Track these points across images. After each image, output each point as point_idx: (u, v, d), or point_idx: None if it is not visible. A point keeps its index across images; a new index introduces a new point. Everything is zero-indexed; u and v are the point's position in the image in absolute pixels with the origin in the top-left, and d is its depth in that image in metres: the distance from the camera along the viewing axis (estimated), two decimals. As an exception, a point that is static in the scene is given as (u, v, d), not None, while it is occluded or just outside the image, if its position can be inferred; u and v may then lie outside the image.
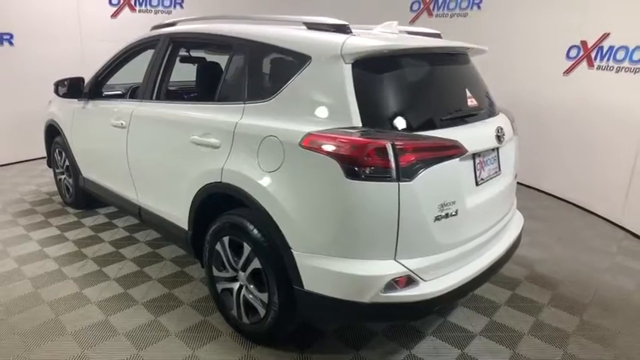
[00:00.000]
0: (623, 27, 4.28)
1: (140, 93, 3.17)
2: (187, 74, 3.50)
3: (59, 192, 4.62)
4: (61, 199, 4.59)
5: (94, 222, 4.11)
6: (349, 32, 2.19)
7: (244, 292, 2.42)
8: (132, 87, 3.91)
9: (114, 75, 3.71)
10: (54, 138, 4.39)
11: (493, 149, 2.42)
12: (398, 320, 2.58)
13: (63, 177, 4.43)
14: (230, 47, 2.61)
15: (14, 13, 5.70)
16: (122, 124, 3.18)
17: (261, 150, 2.17)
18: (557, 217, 4.57)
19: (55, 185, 4.70)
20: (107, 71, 3.65)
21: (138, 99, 3.17)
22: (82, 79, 3.76)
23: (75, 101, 3.81)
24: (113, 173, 3.51)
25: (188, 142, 2.57)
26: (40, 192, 4.93)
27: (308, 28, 2.33)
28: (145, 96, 3.10)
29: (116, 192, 3.52)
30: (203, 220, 2.60)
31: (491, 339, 2.58)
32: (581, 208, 4.78)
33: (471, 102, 2.38)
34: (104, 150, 3.54)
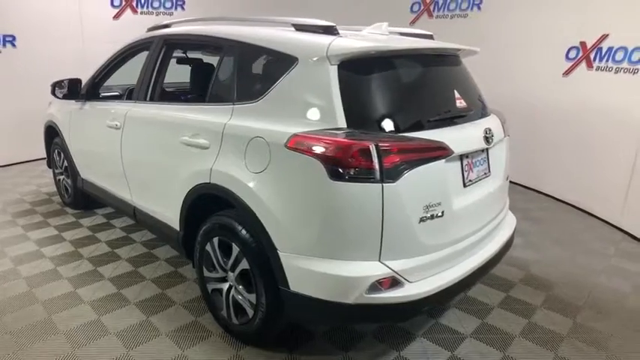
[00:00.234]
0: (622, 28, 4.25)
1: (134, 94, 3.20)
2: (183, 75, 3.52)
3: (58, 192, 4.67)
4: (60, 200, 4.63)
5: (92, 222, 4.14)
6: (336, 34, 2.19)
7: (233, 293, 2.43)
8: (129, 88, 3.93)
9: (111, 76, 3.73)
10: (53, 139, 4.44)
11: (482, 150, 2.40)
12: (384, 321, 2.57)
13: (62, 177, 4.47)
14: (220, 49, 2.62)
15: (16, 15, 5.75)
16: (117, 125, 3.20)
17: (248, 151, 2.18)
18: (555, 219, 4.54)
19: (55, 186, 4.74)
20: (104, 73, 3.67)
21: (132, 100, 3.20)
22: (80, 81, 3.79)
23: (73, 102, 3.85)
24: (109, 174, 3.54)
25: (178, 143, 2.59)
26: (40, 192, 4.97)
27: (296, 30, 2.33)
28: (139, 97, 3.13)
29: (112, 193, 3.55)
30: (194, 221, 2.62)
31: (481, 341, 2.56)
32: (580, 210, 4.74)
33: (460, 103, 2.36)
34: (100, 151, 3.57)
